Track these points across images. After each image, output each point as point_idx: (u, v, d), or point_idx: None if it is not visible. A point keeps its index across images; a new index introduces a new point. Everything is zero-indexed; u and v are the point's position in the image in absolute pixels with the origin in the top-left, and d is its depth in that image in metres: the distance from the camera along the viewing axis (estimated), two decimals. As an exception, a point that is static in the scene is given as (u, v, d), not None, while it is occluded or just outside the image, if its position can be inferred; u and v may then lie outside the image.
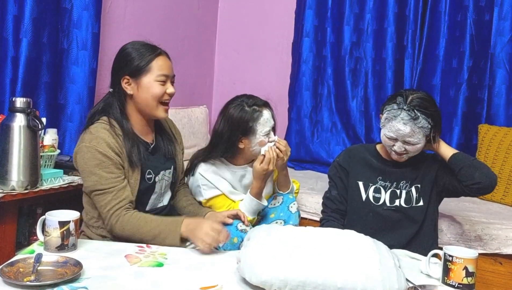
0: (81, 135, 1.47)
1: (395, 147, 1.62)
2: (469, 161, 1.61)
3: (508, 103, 2.67)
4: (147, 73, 1.48)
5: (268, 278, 1.05)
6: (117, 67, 1.53)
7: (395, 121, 1.58)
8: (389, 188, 1.69)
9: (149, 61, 1.48)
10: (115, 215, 1.40)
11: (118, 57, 1.54)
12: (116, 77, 1.52)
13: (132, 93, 1.49)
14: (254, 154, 1.74)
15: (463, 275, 1.12)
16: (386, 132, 1.62)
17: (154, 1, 2.99)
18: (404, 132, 1.57)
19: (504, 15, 2.66)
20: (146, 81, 1.48)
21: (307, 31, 3.11)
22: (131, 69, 1.48)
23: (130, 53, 1.50)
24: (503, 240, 1.93)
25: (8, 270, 1.04)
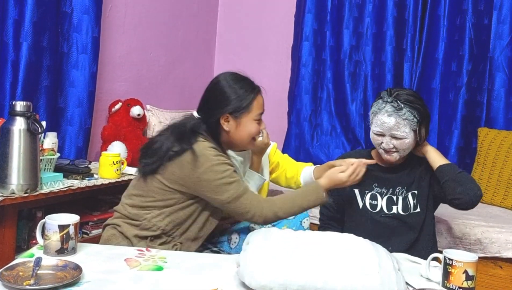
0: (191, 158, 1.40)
1: (383, 144, 1.62)
2: (454, 175, 1.59)
3: (507, 106, 2.68)
4: (248, 113, 1.50)
5: (267, 282, 1.05)
6: (215, 104, 1.50)
7: (380, 114, 1.60)
8: (385, 195, 1.68)
9: (250, 102, 1.49)
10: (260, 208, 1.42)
11: (217, 93, 1.51)
12: (214, 113, 1.49)
13: (229, 130, 1.50)
14: None
15: (463, 279, 1.12)
16: (373, 128, 1.63)
17: (154, 5, 3.00)
18: (389, 124, 1.57)
19: (503, 19, 2.67)
20: (245, 121, 1.50)
21: (307, 35, 3.12)
22: (232, 109, 1.48)
23: (230, 94, 1.49)
24: (503, 243, 1.93)
25: (8, 274, 1.03)
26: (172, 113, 3.06)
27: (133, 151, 2.53)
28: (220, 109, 1.48)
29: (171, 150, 1.41)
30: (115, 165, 2.03)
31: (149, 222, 1.43)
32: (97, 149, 2.59)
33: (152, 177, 1.45)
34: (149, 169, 1.44)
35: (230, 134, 1.51)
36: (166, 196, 1.44)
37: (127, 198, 1.50)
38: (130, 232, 1.44)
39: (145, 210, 1.45)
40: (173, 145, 1.42)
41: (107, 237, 1.46)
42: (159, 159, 1.42)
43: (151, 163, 1.44)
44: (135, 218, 1.45)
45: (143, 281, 1.10)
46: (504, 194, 2.39)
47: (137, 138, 2.60)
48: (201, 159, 1.39)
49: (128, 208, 1.47)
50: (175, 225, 1.45)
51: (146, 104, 2.87)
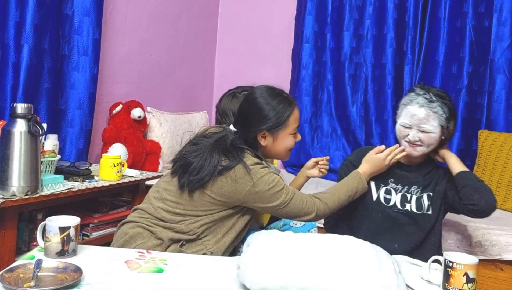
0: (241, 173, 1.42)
1: (410, 136, 1.62)
2: (474, 183, 1.61)
3: (507, 108, 2.68)
4: (284, 129, 1.51)
5: (267, 285, 1.05)
6: (253, 121, 1.51)
7: (411, 106, 1.61)
8: (400, 191, 1.69)
9: (287, 118, 1.50)
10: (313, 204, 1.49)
11: (254, 110, 1.51)
12: (252, 130, 1.50)
13: (266, 144, 1.52)
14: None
15: (464, 281, 1.12)
16: (401, 120, 1.65)
17: (154, 7, 3.00)
18: (419, 116, 1.59)
19: (504, 21, 2.67)
20: (282, 136, 1.52)
21: (307, 37, 3.12)
22: (271, 126, 1.49)
23: (268, 111, 1.49)
24: (504, 246, 1.93)
25: (8, 276, 1.03)
26: (172, 115, 3.06)
27: (133, 153, 2.53)
28: (258, 127, 1.49)
29: (220, 165, 1.41)
30: (116, 167, 2.03)
31: (186, 227, 1.43)
32: (98, 151, 2.60)
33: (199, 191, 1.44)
34: (198, 185, 1.43)
35: (267, 148, 1.53)
36: (209, 207, 1.45)
37: (160, 202, 1.48)
38: (164, 233, 1.43)
39: (182, 217, 1.45)
40: (220, 160, 1.42)
41: (132, 234, 1.44)
42: (209, 175, 1.41)
43: (200, 179, 1.42)
44: (170, 221, 1.45)
45: (144, 283, 1.10)
46: (505, 197, 2.39)
47: (137, 140, 2.61)
48: (252, 172, 1.42)
49: (162, 212, 1.46)
50: (211, 232, 1.46)
51: (147, 106, 2.87)
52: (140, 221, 1.47)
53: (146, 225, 1.46)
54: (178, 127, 3.04)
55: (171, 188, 1.49)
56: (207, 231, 1.45)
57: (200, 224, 1.44)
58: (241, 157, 1.43)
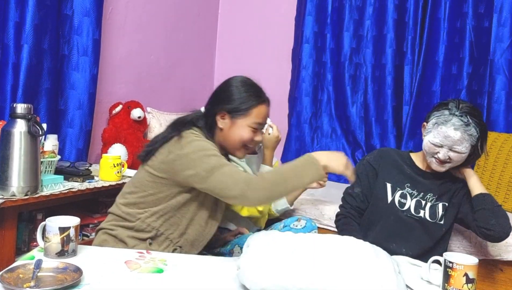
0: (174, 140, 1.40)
1: (440, 154, 1.60)
2: (492, 206, 1.60)
3: (507, 109, 2.67)
4: (244, 117, 1.48)
5: (267, 285, 1.05)
6: (218, 98, 1.53)
7: (445, 127, 1.58)
8: (415, 197, 1.69)
9: (250, 107, 1.49)
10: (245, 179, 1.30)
11: (223, 90, 1.53)
12: (214, 106, 1.51)
13: (223, 127, 1.50)
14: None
15: (464, 282, 1.12)
16: (432, 138, 1.61)
17: (154, 7, 3.00)
18: (454, 138, 1.56)
19: (504, 22, 2.67)
20: (240, 123, 1.49)
21: (307, 37, 3.12)
22: (231, 108, 1.48)
23: (234, 93, 1.50)
24: (504, 246, 1.92)
25: (8, 276, 1.03)
26: (172, 116, 3.06)
27: (133, 154, 2.53)
28: (219, 104, 1.50)
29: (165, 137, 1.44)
30: (116, 167, 2.03)
31: (143, 223, 1.42)
32: (98, 151, 2.60)
33: (143, 169, 1.46)
34: (142, 156, 1.48)
35: (222, 132, 1.50)
36: (155, 189, 1.43)
37: (121, 197, 1.51)
38: (124, 233, 1.42)
39: (138, 208, 1.44)
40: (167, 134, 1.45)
41: (99, 243, 1.45)
42: (151, 146, 1.46)
43: (145, 151, 1.47)
44: (129, 219, 1.44)
45: (143, 283, 1.10)
46: (505, 197, 2.39)
47: (137, 141, 2.60)
48: (183, 139, 1.40)
49: (122, 207, 1.46)
50: (171, 225, 1.44)
51: (147, 107, 2.87)
52: (105, 227, 1.48)
53: (109, 229, 1.46)
54: (178, 127, 3.04)
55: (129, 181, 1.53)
56: (167, 224, 1.43)
57: (156, 217, 1.43)
58: (182, 130, 1.43)
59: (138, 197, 1.45)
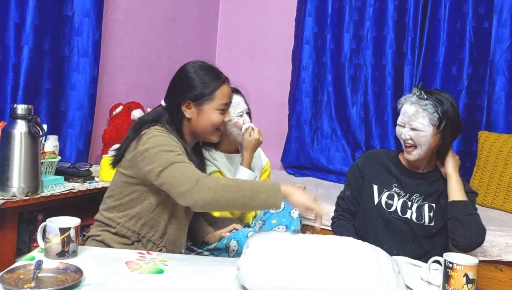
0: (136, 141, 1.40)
1: (402, 134, 1.62)
2: (463, 215, 1.55)
3: (507, 109, 2.68)
4: (210, 102, 1.47)
5: (267, 286, 1.05)
6: (178, 89, 1.50)
7: (404, 105, 1.62)
8: (402, 197, 1.67)
9: (213, 89, 1.47)
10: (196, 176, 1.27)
11: (180, 79, 1.51)
12: (176, 98, 1.49)
13: (191, 117, 1.48)
14: (233, 137, 1.88)
15: (464, 282, 1.12)
16: (398, 120, 1.65)
17: (154, 8, 3.01)
18: (409, 112, 1.59)
19: (504, 22, 2.67)
20: (207, 109, 1.47)
21: (307, 38, 3.12)
22: (194, 95, 1.46)
23: (194, 79, 1.48)
24: (504, 247, 1.93)
25: (9, 277, 1.04)
26: (172, 116, 3.06)
27: (133, 154, 2.53)
28: (182, 94, 1.48)
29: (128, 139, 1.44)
30: (116, 168, 2.02)
31: (123, 228, 1.43)
32: (98, 152, 2.60)
33: (117, 172, 1.48)
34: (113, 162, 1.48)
35: (191, 122, 1.48)
36: (128, 189, 1.43)
37: (102, 204, 1.51)
38: (110, 238, 1.43)
39: (117, 211, 1.44)
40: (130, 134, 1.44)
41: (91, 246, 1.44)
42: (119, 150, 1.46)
43: (114, 156, 1.48)
44: (111, 224, 1.44)
45: (144, 284, 1.10)
46: (505, 198, 2.39)
47: (137, 141, 2.61)
48: (143, 136, 1.39)
49: (103, 213, 1.47)
50: (151, 228, 1.44)
51: (147, 107, 2.87)
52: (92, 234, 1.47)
53: (96, 235, 1.46)
54: (178, 128, 3.04)
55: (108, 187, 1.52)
56: (146, 227, 1.43)
57: (135, 221, 1.43)
58: (143, 128, 1.42)
59: (115, 200, 1.46)
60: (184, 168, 1.30)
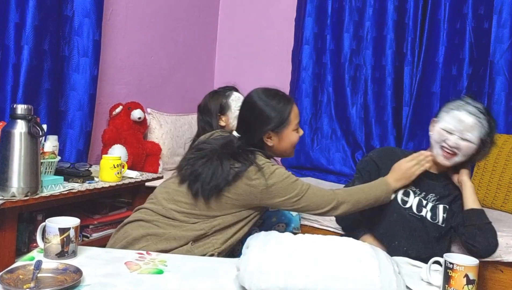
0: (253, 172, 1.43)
1: (449, 141, 1.59)
2: (481, 223, 1.60)
3: (507, 110, 2.68)
4: (288, 126, 1.54)
5: (267, 287, 1.05)
6: (256, 124, 1.53)
7: (458, 111, 1.59)
8: (418, 195, 1.69)
9: (287, 115, 1.53)
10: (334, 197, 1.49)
11: (254, 113, 1.53)
12: (256, 133, 1.53)
13: (273, 144, 1.55)
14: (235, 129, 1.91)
15: (464, 283, 1.12)
16: (444, 124, 1.61)
17: (154, 8, 3.01)
18: (467, 123, 1.57)
19: (503, 23, 2.67)
20: (286, 133, 1.55)
21: (307, 39, 3.12)
22: (273, 126, 1.52)
23: (269, 113, 1.51)
24: (504, 247, 1.92)
25: (8, 277, 1.03)
26: (172, 117, 3.06)
27: (133, 155, 2.53)
28: (262, 129, 1.52)
29: (233, 168, 1.42)
30: (116, 168, 2.03)
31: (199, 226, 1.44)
32: (98, 152, 2.60)
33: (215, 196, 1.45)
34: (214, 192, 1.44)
35: (273, 148, 1.56)
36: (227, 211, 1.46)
37: (172, 203, 1.48)
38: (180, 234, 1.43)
39: (197, 218, 1.45)
40: (232, 165, 1.43)
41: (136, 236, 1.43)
42: (223, 181, 1.42)
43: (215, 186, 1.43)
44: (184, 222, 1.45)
45: (143, 284, 1.10)
46: (505, 198, 2.39)
47: (137, 142, 2.61)
48: (264, 169, 1.44)
49: (174, 214, 1.46)
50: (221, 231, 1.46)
51: (147, 108, 2.87)
52: (148, 220, 1.46)
53: (155, 226, 1.45)
54: (178, 128, 3.04)
55: (184, 190, 1.48)
56: (218, 230, 1.46)
57: (213, 225, 1.45)
58: (252, 158, 1.45)
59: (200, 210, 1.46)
60: (316, 192, 1.49)
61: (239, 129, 1.57)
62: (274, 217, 1.80)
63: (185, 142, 3.04)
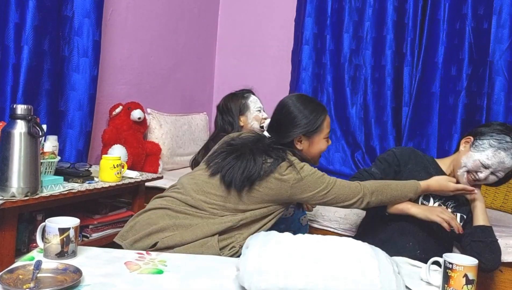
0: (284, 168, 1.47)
1: (482, 174, 1.63)
2: (489, 240, 1.64)
3: (506, 110, 2.68)
4: (319, 133, 1.61)
5: (267, 287, 1.05)
6: (288, 127, 1.58)
7: (504, 152, 1.61)
8: (438, 200, 1.71)
9: (321, 123, 1.60)
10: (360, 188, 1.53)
11: (287, 118, 1.59)
12: (288, 135, 1.58)
13: (302, 148, 1.60)
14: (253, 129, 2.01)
15: (463, 283, 1.12)
16: (485, 158, 1.63)
17: (154, 8, 3.01)
18: (506, 165, 1.61)
19: (503, 23, 2.67)
20: (316, 140, 1.62)
21: (307, 39, 3.12)
22: (306, 131, 1.58)
23: (302, 116, 1.57)
24: (503, 247, 1.92)
25: (8, 277, 1.03)
26: (172, 117, 3.06)
27: (133, 155, 2.53)
28: (293, 131, 1.57)
29: (265, 163, 1.46)
30: (116, 168, 2.03)
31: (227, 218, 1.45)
32: (98, 152, 2.60)
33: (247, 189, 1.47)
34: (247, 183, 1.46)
35: (302, 152, 1.60)
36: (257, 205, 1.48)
37: (202, 195, 1.49)
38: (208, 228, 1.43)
39: (226, 210, 1.47)
40: (264, 160, 1.46)
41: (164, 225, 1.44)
42: (256, 173, 1.45)
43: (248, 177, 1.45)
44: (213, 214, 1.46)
45: (143, 284, 1.10)
46: (504, 198, 2.39)
47: (137, 142, 2.61)
48: (295, 164, 1.48)
49: (203, 205, 1.47)
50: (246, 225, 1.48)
51: (147, 108, 2.87)
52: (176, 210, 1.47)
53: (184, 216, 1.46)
54: (178, 128, 3.04)
55: (215, 182, 1.49)
56: (244, 225, 1.48)
57: (241, 218, 1.46)
58: (283, 155, 1.49)
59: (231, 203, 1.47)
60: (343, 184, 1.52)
61: (270, 129, 1.63)
62: (283, 224, 1.79)
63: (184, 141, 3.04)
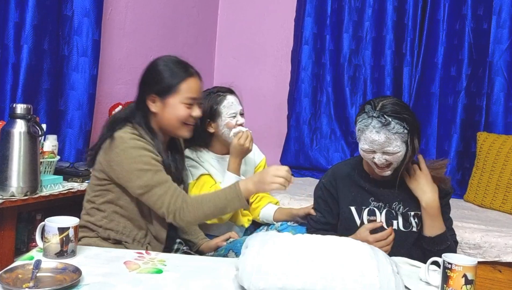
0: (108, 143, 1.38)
1: (375, 159, 1.51)
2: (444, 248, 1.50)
3: (506, 110, 2.68)
4: (175, 95, 1.44)
5: (266, 286, 1.05)
6: (145, 82, 1.49)
7: (368, 131, 1.49)
8: (383, 208, 1.61)
9: (178, 82, 1.45)
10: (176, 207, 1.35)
11: (148, 73, 1.50)
12: (142, 92, 1.48)
13: (156, 111, 1.46)
14: (224, 137, 1.85)
15: (462, 283, 1.12)
16: (362, 145, 1.53)
17: (154, 8, 3.01)
18: (379, 141, 1.47)
19: (502, 23, 2.68)
20: (172, 102, 1.45)
21: (306, 39, 3.12)
22: (159, 88, 1.44)
23: (161, 72, 1.46)
24: (502, 247, 1.93)
25: (7, 277, 1.03)
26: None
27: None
28: (148, 88, 1.47)
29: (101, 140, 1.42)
30: (115, 168, 2.02)
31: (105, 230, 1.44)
32: (97, 152, 2.59)
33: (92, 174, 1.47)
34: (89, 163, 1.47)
35: (158, 117, 1.46)
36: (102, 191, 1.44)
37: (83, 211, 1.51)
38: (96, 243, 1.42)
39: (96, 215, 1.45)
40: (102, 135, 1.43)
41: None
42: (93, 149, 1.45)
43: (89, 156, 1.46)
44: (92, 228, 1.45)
45: (142, 284, 1.10)
46: (503, 198, 2.40)
47: (137, 141, 2.60)
48: (115, 142, 1.36)
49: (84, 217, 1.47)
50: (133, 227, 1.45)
51: (146, 107, 2.87)
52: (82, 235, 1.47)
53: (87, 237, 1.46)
54: (177, 128, 3.04)
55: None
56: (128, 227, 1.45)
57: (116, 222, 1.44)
58: (116, 129, 1.39)
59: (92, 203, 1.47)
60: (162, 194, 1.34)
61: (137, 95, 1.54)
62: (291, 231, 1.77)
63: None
